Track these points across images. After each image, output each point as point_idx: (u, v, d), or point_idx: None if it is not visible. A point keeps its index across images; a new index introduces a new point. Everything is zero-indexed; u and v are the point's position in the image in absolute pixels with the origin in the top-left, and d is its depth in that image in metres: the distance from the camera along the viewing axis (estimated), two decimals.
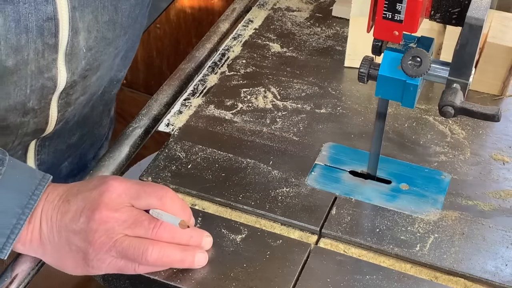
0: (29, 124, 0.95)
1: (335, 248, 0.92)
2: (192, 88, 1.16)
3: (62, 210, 0.80)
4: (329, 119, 1.10)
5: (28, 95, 0.90)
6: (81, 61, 0.92)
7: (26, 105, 0.91)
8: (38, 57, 0.86)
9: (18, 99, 0.89)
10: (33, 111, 0.93)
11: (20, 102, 0.90)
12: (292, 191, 0.98)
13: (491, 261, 0.90)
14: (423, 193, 0.98)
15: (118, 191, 0.80)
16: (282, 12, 1.32)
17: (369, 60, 0.87)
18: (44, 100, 0.93)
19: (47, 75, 0.89)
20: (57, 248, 0.81)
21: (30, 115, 0.93)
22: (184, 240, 0.84)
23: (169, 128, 1.08)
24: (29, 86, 0.89)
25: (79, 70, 0.93)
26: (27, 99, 0.90)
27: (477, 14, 0.79)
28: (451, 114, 0.82)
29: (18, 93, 0.88)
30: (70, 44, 0.88)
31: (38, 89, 0.90)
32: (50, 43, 0.86)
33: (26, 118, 0.93)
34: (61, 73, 0.91)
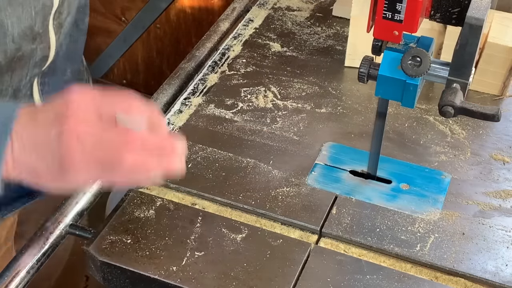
0: (37, 51, 1.00)
1: (336, 248, 0.92)
2: (192, 87, 1.16)
3: (30, 126, 0.80)
4: (329, 119, 1.10)
5: (34, 18, 0.95)
6: None
7: (34, 29, 0.96)
8: None
9: (27, 22, 0.94)
10: (38, 35, 0.98)
11: (29, 27, 0.95)
12: (292, 190, 0.98)
13: (491, 261, 0.90)
14: (424, 193, 0.98)
15: (84, 101, 0.79)
16: (283, 11, 1.32)
17: (369, 60, 0.87)
18: (45, 21, 0.98)
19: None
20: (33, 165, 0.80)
21: (37, 40, 0.98)
22: (156, 145, 0.81)
23: (169, 127, 1.08)
24: (33, 7, 0.94)
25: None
26: (33, 21, 0.95)
27: (477, 14, 0.79)
28: (451, 114, 0.82)
29: (26, 16, 0.93)
30: None
31: (40, 9, 0.95)
32: None
33: (35, 44, 0.98)
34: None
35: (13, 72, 0.99)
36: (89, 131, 0.78)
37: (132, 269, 0.89)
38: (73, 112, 0.78)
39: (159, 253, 0.90)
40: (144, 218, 0.94)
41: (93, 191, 0.97)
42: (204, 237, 0.92)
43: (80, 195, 0.96)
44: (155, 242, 0.91)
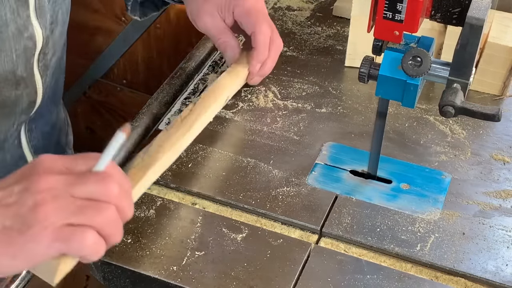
0: (23, 97, 0.97)
1: (336, 248, 0.92)
2: (192, 87, 1.16)
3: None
4: (329, 119, 1.10)
5: (15, 61, 0.92)
6: (47, 14, 0.95)
7: (16, 73, 0.93)
8: (14, 16, 0.88)
9: (7, 67, 0.91)
10: (22, 80, 0.95)
11: (10, 71, 0.92)
12: (292, 190, 0.98)
13: (491, 261, 0.90)
14: (424, 193, 0.98)
15: (52, 159, 0.71)
16: (283, 11, 1.32)
17: (370, 60, 0.87)
18: (29, 64, 0.95)
19: (26, 34, 0.92)
20: None
21: (22, 85, 0.95)
22: (128, 182, 0.76)
23: None
24: (14, 50, 0.91)
25: (48, 24, 0.96)
26: (15, 66, 0.92)
27: (478, 14, 0.79)
28: (452, 114, 0.82)
29: (5, 60, 0.90)
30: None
31: (22, 52, 0.92)
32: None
33: (19, 90, 0.95)
34: (37, 30, 0.93)
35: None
36: (62, 182, 0.69)
37: (132, 268, 0.89)
38: (44, 165, 0.70)
39: (160, 252, 0.90)
40: (145, 217, 0.94)
41: None
42: (204, 237, 0.92)
43: None
44: (156, 241, 0.91)
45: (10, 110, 0.96)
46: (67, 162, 0.71)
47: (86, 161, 0.72)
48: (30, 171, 0.70)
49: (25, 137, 1.05)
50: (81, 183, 0.69)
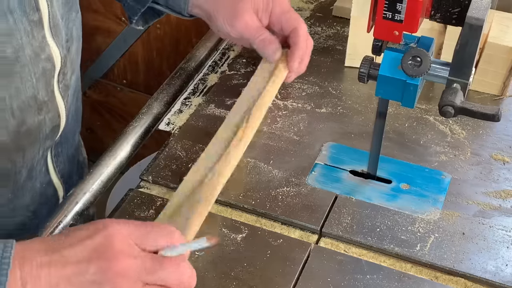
0: (45, 122, 0.92)
1: (336, 248, 0.92)
2: (192, 87, 1.16)
3: (55, 264, 0.70)
4: (329, 119, 1.10)
5: (36, 85, 0.87)
6: (62, 32, 0.91)
7: (37, 98, 0.89)
8: (29, 38, 0.84)
9: (29, 93, 0.87)
10: (44, 104, 0.91)
11: (31, 96, 0.88)
12: (292, 190, 0.98)
13: (491, 261, 0.90)
14: (424, 193, 0.98)
15: (125, 233, 0.72)
16: None
17: (369, 60, 0.87)
18: (49, 87, 0.91)
19: (44, 55, 0.87)
20: None
21: (44, 110, 0.91)
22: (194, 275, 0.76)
23: (170, 127, 1.08)
24: (33, 73, 0.86)
25: (63, 43, 0.92)
26: (35, 90, 0.88)
27: (477, 14, 0.79)
28: (451, 114, 0.82)
29: (26, 85, 0.86)
30: (51, 15, 0.87)
31: (41, 75, 0.88)
32: (35, 20, 0.84)
33: (42, 115, 0.91)
34: (54, 50, 0.89)
35: (24, 151, 0.91)
36: (139, 271, 0.70)
37: None
38: (118, 246, 0.70)
39: None
40: (144, 217, 0.94)
41: (93, 191, 0.97)
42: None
43: (80, 195, 0.96)
44: None
45: (35, 138, 0.92)
46: (138, 237, 0.72)
47: (156, 238, 0.73)
48: (104, 249, 0.70)
49: (52, 162, 1.01)
50: (155, 271, 0.71)
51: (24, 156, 0.91)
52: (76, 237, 0.71)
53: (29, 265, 0.69)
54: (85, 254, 0.70)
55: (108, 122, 2.21)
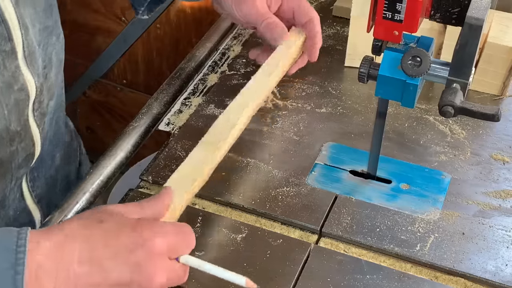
0: (18, 152, 0.88)
1: (336, 248, 0.92)
2: (192, 87, 1.16)
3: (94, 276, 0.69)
4: (329, 119, 1.10)
5: (8, 117, 0.83)
6: (38, 60, 0.87)
7: (9, 129, 0.85)
8: (0, 69, 0.80)
9: (0, 125, 0.83)
10: (17, 134, 0.87)
11: (3, 128, 0.84)
12: (292, 190, 0.98)
13: (491, 261, 0.90)
14: (423, 193, 0.98)
15: (164, 248, 0.72)
16: None
17: (369, 60, 0.87)
18: (23, 117, 0.87)
19: (17, 86, 0.83)
20: None
21: (16, 140, 0.87)
22: None
23: (169, 127, 1.08)
24: (4, 105, 0.82)
25: (40, 70, 0.88)
26: (7, 122, 0.84)
27: (477, 14, 0.79)
28: (451, 114, 0.82)
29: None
30: (26, 44, 0.83)
31: (13, 106, 0.84)
32: (7, 50, 0.80)
33: (14, 145, 0.87)
34: (28, 79, 0.85)
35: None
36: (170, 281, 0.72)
37: None
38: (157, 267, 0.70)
39: None
40: None
41: (93, 191, 0.97)
42: (204, 237, 0.92)
43: (80, 195, 0.96)
44: None
45: (6, 169, 0.88)
46: (170, 251, 0.72)
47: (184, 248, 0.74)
48: (145, 271, 0.70)
49: (27, 188, 0.98)
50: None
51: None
52: (118, 245, 0.69)
53: (65, 272, 0.67)
54: (127, 271, 0.69)
55: (108, 122, 2.21)
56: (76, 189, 0.97)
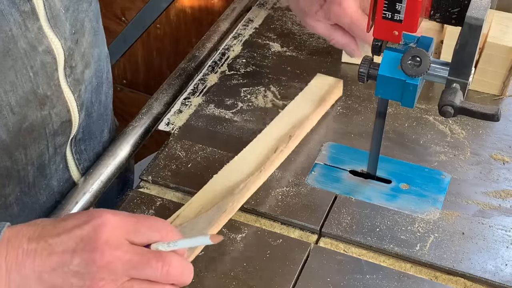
0: (51, 117, 0.88)
1: (335, 248, 0.92)
2: (192, 87, 1.16)
3: (40, 253, 0.68)
4: (329, 119, 1.10)
5: (34, 79, 0.84)
6: (66, 23, 0.86)
7: (37, 92, 0.85)
8: (22, 30, 0.80)
9: (26, 87, 0.83)
10: (47, 99, 0.87)
11: (30, 91, 0.84)
12: (292, 190, 0.98)
13: (491, 260, 0.90)
14: (423, 193, 0.98)
15: (114, 224, 0.69)
16: (282, 11, 1.32)
17: (369, 60, 0.87)
18: (52, 81, 0.87)
19: (41, 48, 0.83)
20: None
21: (48, 105, 0.87)
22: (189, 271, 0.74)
23: (169, 127, 1.08)
24: (29, 67, 0.82)
25: (68, 34, 0.87)
26: (34, 85, 0.84)
27: (477, 14, 0.79)
28: (451, 114, 0.82)
29: (22, 79, 0.82)
30: (47, 5, 0.83)
31: (40, 68, 0.84)
32: (26, 10, 0.80)
33: (45, 110, 0.87)
34: (54, 42, 0.85)
35: (26, 149, 0.88)
36: (123, 264, 0.68)
37: None
38: (104, 237, 0.68)
39: None
40: None
41: (93, 191, 0.97)
42: None
43: (80, 195, 0.96)
44: None
45: (38, 134, 0.88)
46: (129, 231, 0.70)
47: (148, 230, 0.71)
48: (90, 240, 0.68)
49: (73, 159, 0.98)
50: (141, 267, 0.69)
51: (27, 153, 0.89)
52: (66, 225, 0.70)
53: (15, 251, 0.68)
54: (71, 244, 0.68)
55: None
56: (76, 189, 0.97)
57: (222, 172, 0.97)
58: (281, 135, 1.02)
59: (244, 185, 0.94)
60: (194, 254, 0.87)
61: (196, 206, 0.91)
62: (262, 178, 0.98)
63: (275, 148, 1.00)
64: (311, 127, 1.07)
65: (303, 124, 1.04)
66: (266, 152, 0.99)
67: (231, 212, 0.93)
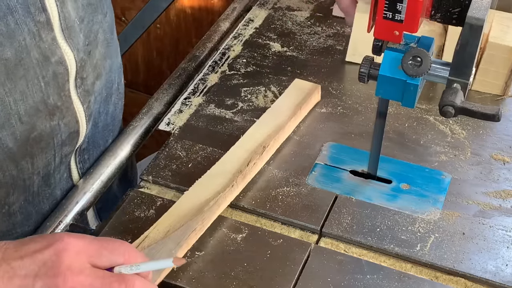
0: (60, 128, 0.89)
1: (336, 248, 0.92)
2: (192, 87, 1.16)
3: (2, 275, 0.68)
4: (329, 119, 1.10)
5: (45, 89, 0.84)
6: (79, 34, 0.87)
7: (47, 102, 0.85)
8: (36, 40, 0.80)
9: (36, 97, 0.83)
10: (57, 109, 0.87)
11: (40, 101, 0.84)
12: (292, 190, 0.98)
13: (491, 261, 0.90)
14: (424, 193, 0.98)
15: (77, 249, 0.69)
16: (283, 11, 1.32)
17: (370, 60, 0.87)
18: (63, 92, 0.87)
19: (54, 58, 0.84)
20: None
21: (57, 115, 0.87)
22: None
23: (170, 127, 1.08)
24: (41, 77, 0.82)
25: (81, 45, 0.88)
26: (45, 95, 0.84)
27: (478, 14, 0.79)
28: (452, 114, 0.82)
29: (33, 89, 0.83)
30: (62, 16, 0.83)
31: (51, 79, 0.84)
32: (41, 20, 0.80)
33: (55, 120, 0.87)
34: (67, 53, 0.85)
35: (33, 158, 0.88)
36: (85, 284, 0.68)
37: None
38: (67, 262, 0.68)
39: None
40: (145, 217, 0.94)
41: (93, 191, 0.97)
42: (204, 237, 0.92)
43: (80, 195, 0.96)
44: None
45: (46, 144, 0.89)
46: (91, 255, 0.70)
47: (111, 254, 0.71)
48: (52, 265, 0.68)
49: (76, 169, 0.98)
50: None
51: (34, 162, 0.89)
52: (28, 249, 0.70)
53: None
54: (34, 268, 0.68)
55: None
56: (76, 189, 0.97)
57: (192, 189, 0.94)
58: (255, 146, 1.00)
59: (214, 202, 0.91)
60: (161, 277, 0.84)
61: (164, 226, 0.88)
62: (234, 193, 0.95)
63: (248, 161, 0.97)
64: (287, 136, 1.05)
65: (278, 133, 1.02)
66: (238, 166, 0.97)
67: (201, 230, 0.90)
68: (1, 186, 0.87)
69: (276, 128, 1.03)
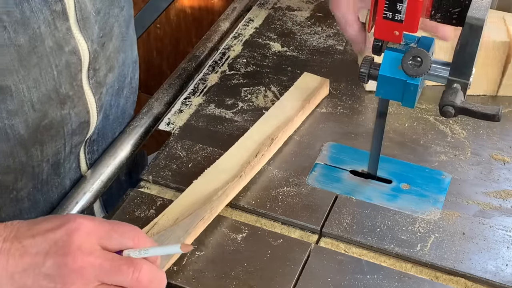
0: (71, 117, 0.89)
1: (336, 248, 0.92)
2: (192, 87, 1.16)
3: (13, 253, 0.70)
4: (329, 119, 1.10)
5: (57, 78, 0.84)
6: (94, 26, 0.88)
7: (59, 91, 0.86)
8: (51, 29, 0.81)
9: (49, 85, 0.84)
10: (69, 98, 0.88)
11: (52, 89, 0.84)
12: (292, 190, 0.98)
13: (491, 261, 0.90)
14: (424, 193, 0.98)
15: (88, 230, 0.71)
16: (283, 11, 1.32)
17: (370, 60, 0.87)
18: (75, 82, 0.88)
19: (68, 48, 0.84)
20: None
21: (68, 104, 0.88)
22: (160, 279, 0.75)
23: (170, 127, 1.08)
24: (54, 66, 0.83)
25: (95, 37, 0.88)
26: (57, 83, 0.85)
27: (478, 14, 0.79)
28: (452, 114, 0.82)
29: (46, 77, 0.83)
30: (78, 7, 0.84)
31: (64, 68, 0.85)
32: (57, 10, 0.81)
33: (65, 109, 0.88)
34: (81, 43, 0.86)
35: (42, 146, 0.89)
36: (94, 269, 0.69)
37: None
38: (77, 242, 0.69)
39: None
40: (145, 217, 0.94)
41: (93, 191, 0.97)
42: (204, 237, 0.92)
43: (80, 195, 0.96)
44: None
45: (56, 132, 0.89)
46: (102, 237, 0.71)
47: (121, 237, 0.72)
48: (63, 244, 0.69)
49: (85, 160, 0.99)
50: (112, 273, 0.70)
51: (43, 150, 0.89)
52: (41, 228, 0.71)
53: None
54: (45, 247, 0.70)
55: None
56: (76, 189, 0.97)
57: (201, 178, 0.95)
58: (264, 138, 1.01)
59: (222, 191, 0.93)
60: (169, 263, 0.86)
61: (174, 214, 0.90)
62: (242, 184, 0.97)
63: (256, 152, 0.98)
64: (295, 129, 1.06)
65: (287, 126, 1.03)
66: (247, 157, 0.98)
67: (209, 219, 0.92)
68: (10, 171, 0.87)
69: (285, 120, 1.04)
